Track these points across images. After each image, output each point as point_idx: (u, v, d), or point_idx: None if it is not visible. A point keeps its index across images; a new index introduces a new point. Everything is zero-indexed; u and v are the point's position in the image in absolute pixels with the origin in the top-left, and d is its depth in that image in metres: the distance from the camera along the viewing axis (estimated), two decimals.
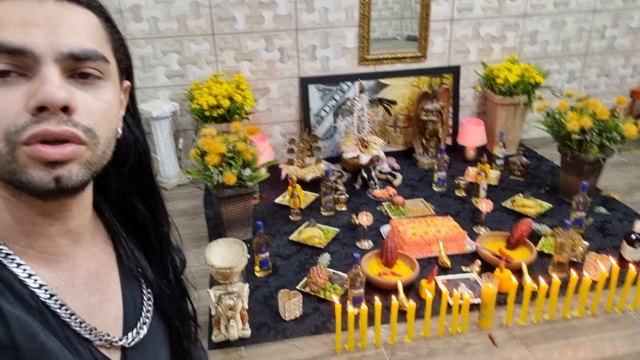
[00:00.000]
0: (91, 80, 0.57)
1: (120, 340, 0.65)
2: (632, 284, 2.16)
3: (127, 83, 0.67)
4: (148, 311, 0.71)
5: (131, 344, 0.67)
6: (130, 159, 0.70)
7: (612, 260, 2.26)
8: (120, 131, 0.65)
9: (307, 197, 3.11)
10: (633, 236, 2.37)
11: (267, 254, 2.42)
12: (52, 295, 0.59)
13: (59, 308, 0.59)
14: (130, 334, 0.67)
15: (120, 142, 0.66)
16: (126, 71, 0.67)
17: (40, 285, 0.58)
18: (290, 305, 2.14)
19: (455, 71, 3.67)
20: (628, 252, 2.39)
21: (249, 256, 2.06)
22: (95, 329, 0.62)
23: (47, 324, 0.57)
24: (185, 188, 3.38)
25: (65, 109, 0.54)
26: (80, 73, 0.56)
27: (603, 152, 2.79)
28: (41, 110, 0.53)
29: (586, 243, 2.59)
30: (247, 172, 2.53)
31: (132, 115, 0.71)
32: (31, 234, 0.60)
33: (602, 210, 2.94)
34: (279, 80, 3.48)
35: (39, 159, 0.53)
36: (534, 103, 3.44)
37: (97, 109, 0.57)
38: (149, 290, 0.73)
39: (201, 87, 3.18)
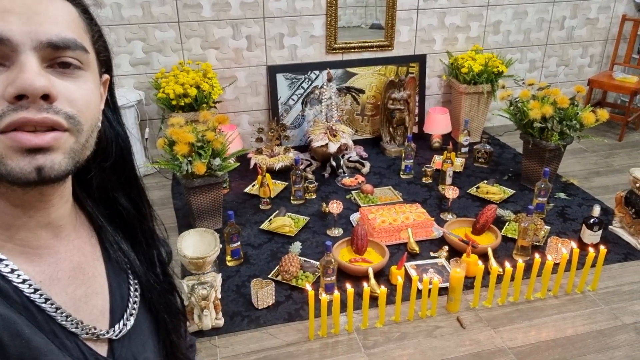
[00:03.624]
0: (71, 70, 0.56)
1: (107, 332, 0.65)
2: (591, 266, 2.26)
3: (106, 76, 0.67)
4: (135, 302, 0.71)
5: (118, 336, 0.66)
6: (111, 153, 0.69)
7: (573, 244, 2.35)
8: (100, 125, 0.64)
9: (276, 186, 3.11)
10: (592, 220, 2.48)
11: (239, 243, 2.42)
12: (36, 290, 0.57)
13: (44, 303, 0.58)
14: (117, 326, 0.67)
15: (101, 137, 0.65)
16: (105, 63, 0.66)
17: (24, 280, 0.57)
18: (263, 294, 2.15)
19: (421, 60, 3.71)
20: (587, 235, 2.50)
21: (220, 246, 2.06)
22: (82, 323, 0.61)
23: (33, 320, 0.57)
24: (152, 178, 3.33)
25: (46, 97, 0.53)
26: (60, 63, 0.55)
27: (563, 139, 2.89)
28: (20, 98, 0.51)
29: (548, 227, 2.70)
30: (217, 161, 2.51)
31: (111, 109, 0.70)
32: (11, 226, 0.58)
33: (563, 195, 3.05)
34: (246, 69, 3.45)
35: (18, 146, 0.52)
36: (497, 92, 3.52)
37: (79, 97, 0.56)
38: (136, 282, 0.73)
39: (167, 76, 3.12)
